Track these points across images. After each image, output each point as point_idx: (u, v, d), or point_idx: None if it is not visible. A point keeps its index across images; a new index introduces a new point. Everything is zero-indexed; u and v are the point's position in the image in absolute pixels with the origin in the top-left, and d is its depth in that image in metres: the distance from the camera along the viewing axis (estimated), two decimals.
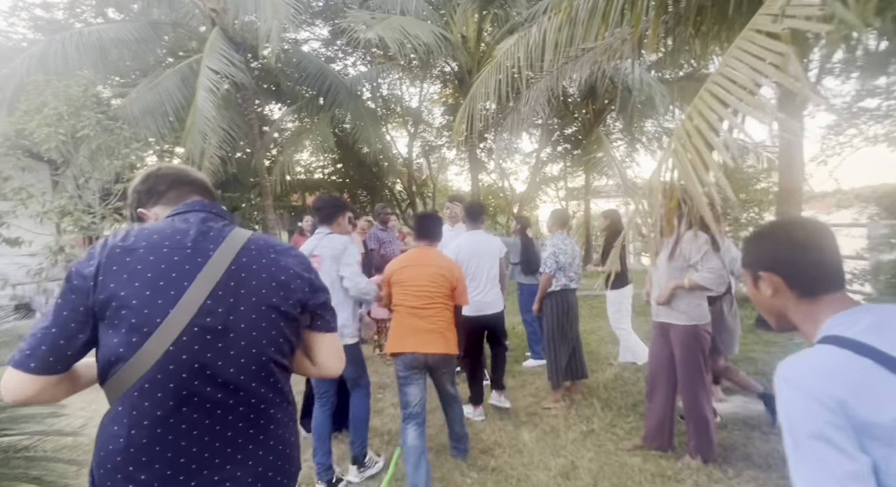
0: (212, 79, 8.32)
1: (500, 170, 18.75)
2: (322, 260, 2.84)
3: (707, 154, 1.42)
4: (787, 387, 0.85)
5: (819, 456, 0.77)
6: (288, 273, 1.08)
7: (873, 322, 0.85)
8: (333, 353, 1.18)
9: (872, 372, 0.78)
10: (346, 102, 10.68)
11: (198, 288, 0.97)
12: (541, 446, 3.22)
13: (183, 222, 1.07)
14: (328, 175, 17.11)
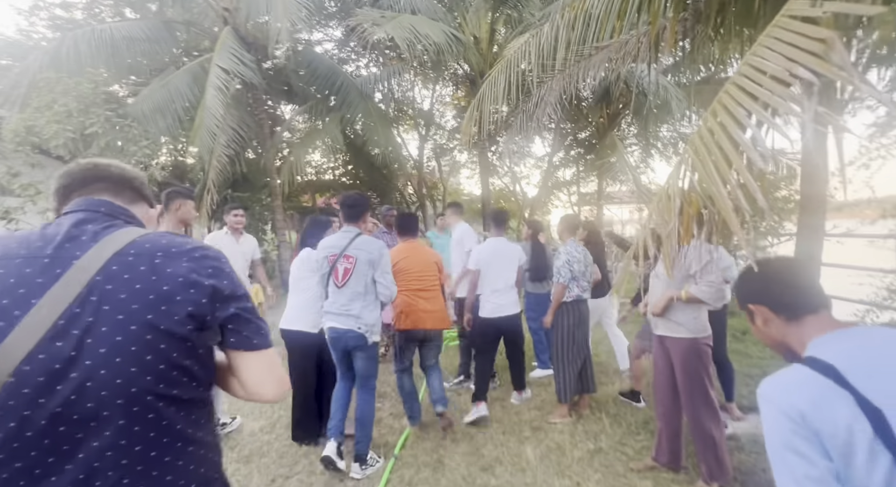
0: (221, 77, 8.27)
1: (511, 174, 18.58)
2: (357, 262, 2.92)
3: (733, 153, 1.25)
4: (763, 402, 0.97)
5: (786, 462, 0.89)
6: (174, 282, 0.87)
7: (848, 347, 0.96)
8: (262, 375, 0.97)
9: (831, 392, 0.88)
10: (356, 102, 10.60)
11: (47, 306, 0.80)
12: (545, 464, 3.04)
13: (54, 227, 0.91)
14: (338, 176, 17.07)
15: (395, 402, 4.09)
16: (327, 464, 2.89)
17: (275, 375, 0.99)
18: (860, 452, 0.84)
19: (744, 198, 1.27)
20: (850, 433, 0.85)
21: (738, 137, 1.27)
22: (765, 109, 1.28)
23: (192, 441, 0.92)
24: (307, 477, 2.87)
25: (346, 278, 2.93)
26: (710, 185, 1.28)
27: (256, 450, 3.21)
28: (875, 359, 0.91)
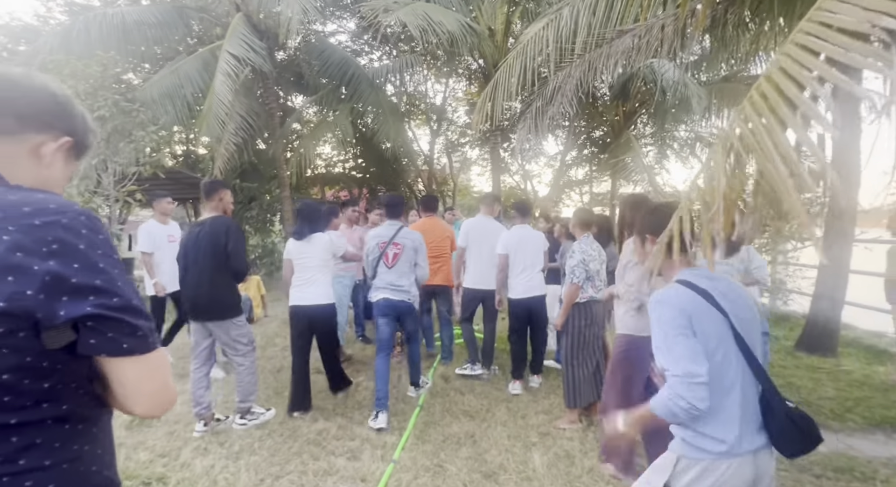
0: (230, 63, 8.13)
1: (522, 172, 18.31)
2: (404, 248, 3.74)
3: (791, 117, 1.04)
4: (661, 305, 1.42)
5: (677, 343, 1.35)
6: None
7: (706, 275, 1.47)
8: (134, 386, 0.76)
9: (701, 303, 1.40)
10: (367, 93, 10.43)
11: None
12: (552, 473, 2.82)
13: None
14: (348, 170, 16.93)
15: (393, 402, 3.91)
16: (379, 430, 3.36)
17: (151, 386, 0.78)
18: (718, 347, 1.37)
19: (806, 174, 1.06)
20: (716, 333, 1.38)
21: (797, 98, 1.06)
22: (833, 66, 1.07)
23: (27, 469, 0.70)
24: (299, 478, 2.69)
25: (395, 261, 3.73)
26: (760, 155, 1.07)
27: (247, 447, 3.04)
28: (721, 286, 1.45)
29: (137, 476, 2.63)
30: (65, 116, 0.85)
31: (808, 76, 1.10)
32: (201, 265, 3.23)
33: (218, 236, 3.22)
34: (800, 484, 2.71)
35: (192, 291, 3.29)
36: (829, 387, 4.18)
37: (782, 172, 1.06)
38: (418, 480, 2.73)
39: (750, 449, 1.35)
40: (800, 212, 1.07)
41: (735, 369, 1.38)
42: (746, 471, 1.35)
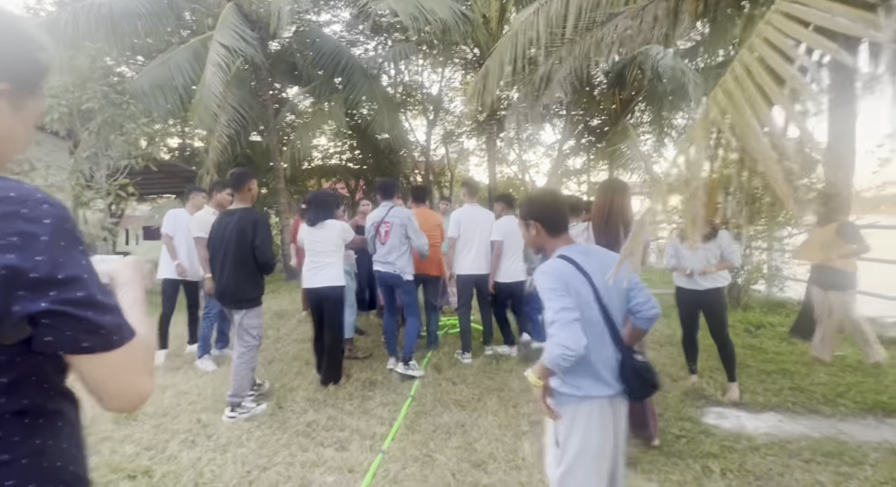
0: (221, 54, 8.03)
1: (520, 162, 18.22)
2: (392, 226, 4.16)
3: (775, 90, 0.99)
4: (545, 274, 1.71)
5: (556, 299, 1.62)
6: None
7: (581, 251, 1.80)
8: (99, 384, 0.72)
9: (574, 271, 1.70)
10: (360, 84, 10.32)
11: None
12: (542, 462, 2.81)
13: None
14: (345, 161, 16.83)
15: (385, 391, 3.89)
16: (391, 371, 4.20)
17: (115, 385, 0.72)
18: (585, 308, 1.65)
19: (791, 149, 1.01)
20: (584, 296, 1.66)
21: (783, 71, 1.01)
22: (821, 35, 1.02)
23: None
24: (286, 469, 2.68)
25: (387, 237, 4.19)
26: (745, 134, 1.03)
27: (235, 439, 3.02)
28: (592, 261, 1.74)
29: (123, 470, 2.61)
30: (24, 63, 0.75)
31: (792, 46, 1.05)
32: (228, 255, 3.46)
33: (245, 230, 3.42)
34: (789, 470, 2.70)
35: (218, 278, 3.55)
36: (822, 372, 4.16)
37: (765, 148, 1.02)
38: (406, 470, 2.71)
39: (607, 395, 1.68)
40: (782, 187, 1.03)
41: (596, 328, 1.68)
42: (606, 413, 1.68)
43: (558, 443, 1.71)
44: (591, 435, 1.66)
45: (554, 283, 1.65)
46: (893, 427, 3.22)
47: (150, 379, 0.75)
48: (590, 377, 1.68)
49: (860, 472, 2.62)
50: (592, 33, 5.31)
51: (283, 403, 3.60)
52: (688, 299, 3.91)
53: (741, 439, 3.07)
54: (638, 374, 1.69)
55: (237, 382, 3.37)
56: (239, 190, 3.56)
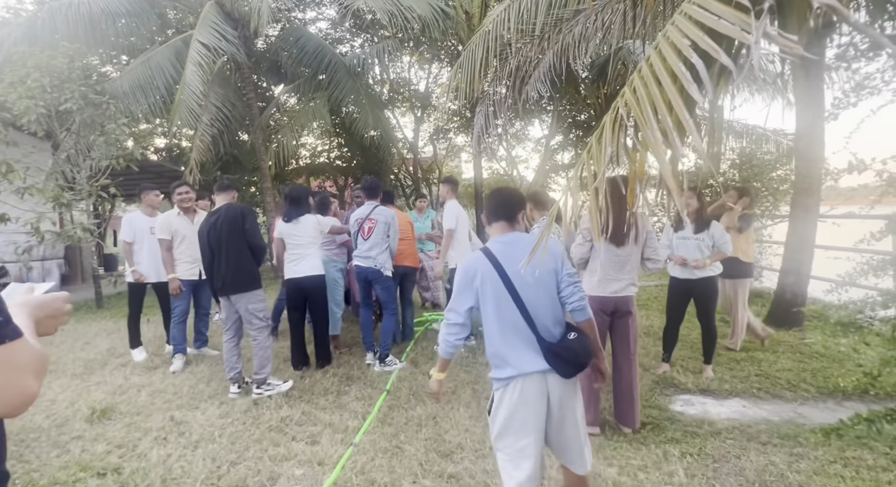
0: (201, 52, 8.01)
1: (508, 157, 18.27)
2: (377, 223, 4.36)
3: (672, 90, 1.05)
4: (459, 269, 1.98)
5: (461, 293, 1.92)
6: None
7: (504, 242, 1.96)
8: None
9: (488, 266, 1.89)
10: (343, 81, 10.30)
11: None
12: None
13: None
14: (333, 160, 16.80)
15: (362, 386, 3.95)
16: (369, 366, 4.26)
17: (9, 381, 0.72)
18: (498, 297, 1.87)
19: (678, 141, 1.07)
20: (492, 283, 1.87)
21: (679, 72, 1.07)
22: (710, 36, 1.07)
23: None
24: (255, 464, 2.73)
25: (370, 234, 4.36)
26: (644, 128, 1.08)
27: (207, 436, 3.07)
28: (509, 250, 1.91)
29: (92, 468, 2.65)
30: None
31: (685, 44, 1.11)
32: (223, 247, 3.72)
33: (235, 219, 3.76)
34: (745, 452, 2.78)
35: (218, 271, 3.77)
36: (789, 359, 4.27)
37: (658, 139, 1.07)
38: (375, 461, 2.77)
39: (535, 370, 1.84)
40: (670, 182, 1.08)
41: (510, 315, 1.86)
42: (535, 386, 1.84)
43: (489, 414, 1.97)
44: (516, 410, 1.86)
45: (462, 276, 1.94)
46: (849, 409, 3.31)
47: (35, 382, 0.75)
48: (511, 362, 1.86)
49: (812, 452, 2.71)
50: (570, 28, 5.37)
51: (258, 399, 3.65)
52: (681, 289, 4.04)
53: (704, 424, 3.15)
54: (556, 355, 1.83)
55: (258, 361, 3.79)
56: (225, 193, 4.01)
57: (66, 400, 3.70)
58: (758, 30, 0.94)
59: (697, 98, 1.04)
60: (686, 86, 1.05)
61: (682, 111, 1.06)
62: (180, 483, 2.53)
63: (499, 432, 1.93)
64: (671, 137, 1.07)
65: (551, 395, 1.87)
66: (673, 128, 1.07)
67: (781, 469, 2.59)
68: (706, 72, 1.02)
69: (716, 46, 1.03)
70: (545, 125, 16.52)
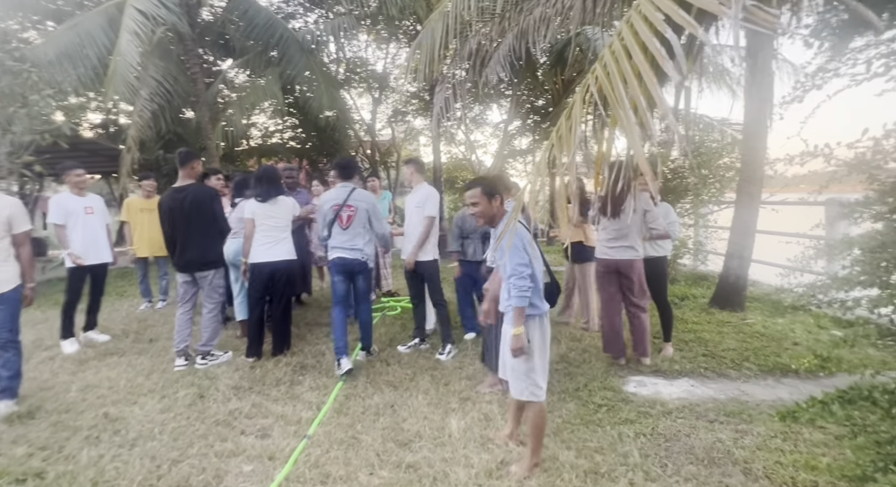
0: (137, 20, 7.39)
1: (467, 142, 18.18)
2: (357, 210, 3.98)
3: (646, 68, 0.98)
4: (516, 235, 2.36)
5: (520, 254, 2.40)
6: None
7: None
8: None
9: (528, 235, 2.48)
10: (296, 58, 9.82)
11: None
12: (466, 437, 2.85)
13: None
14: (286, 140, 16.15)
15: (316, 375, 3.81)
16: (348, 374, 3.71)
17: None
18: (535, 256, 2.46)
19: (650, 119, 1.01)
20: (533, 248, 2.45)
21: (653, 47, 1.01)
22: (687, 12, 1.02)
23: None
24: (199, 461, 2.56)
25: (349, 223, 3.98)
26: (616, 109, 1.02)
27: (146, 433, 2.86)
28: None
29: (10, 474, 2.40)
30: None
31: (659, 18, 1.05)
32: (190, 226, 3.88)
33: (203, 202, 3.95)
34: (695, 430, 2.88)
35: (182, 248, 3.93)
36: (733, 339, 4.47)
37: (631, 121, 1.01)
38: (330, 453, 2.67)
39: (546, 311, 2.54)
40: (643, 165, 1.03)
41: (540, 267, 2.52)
42: (547, 322, 2.57)
43: (529, 341, 2.43)
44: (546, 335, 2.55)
45: (521, 242, 2.41)
46: (788, 386, 3.51)
47: None
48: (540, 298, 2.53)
49: (755, 428, 2.84)
50: (530, 9, 5.28)
51: (204, 392, 3.45)
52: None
53: (656, 405, 3.24)
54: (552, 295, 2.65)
55: (210, 334, 4.05)
56: (183, 167, 4.01)
57: None
58: (737, 2, 0.88)
59: (672, 74, 0.98)
60: (660, 61, 0.99)
61: (654, 88, 1.00)
62: (114, 486, 2.33)
63: (531, 354, 2.48)
64: (644, 115, 1.01)
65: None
66: (646, 105, 1.01)
67: (728, 445, 2.69)
68: (680, 46, 0.97)
69: (691, 20, 0.97)
70: (504, 110, 16.52)
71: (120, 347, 4.54)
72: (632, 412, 3.13)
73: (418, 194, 4.28)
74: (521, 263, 2.38)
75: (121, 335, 4.94)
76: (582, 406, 3.24)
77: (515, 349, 2.40)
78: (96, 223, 4.64)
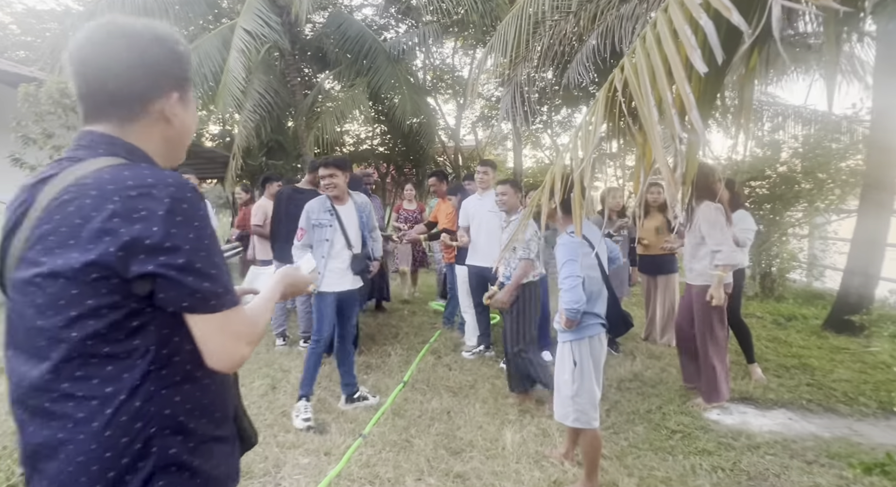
0: (244, 39, 8.16)
1: (554, 145, 17.71)
2: None
3: (675, 58, 0.85)
4: (565, 244, 2.36)
5: (572, 264, 2.31)
6: (91, 228, 0.77)
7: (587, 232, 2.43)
8: (203, 341, 0.83)
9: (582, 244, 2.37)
10: (383, 68, 10.24)
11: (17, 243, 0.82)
12: (521, 452, 2.74)
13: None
14: (375, 146, 16.90)
15: (380, 376, 3.90)
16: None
17: (213, 345, 0.83)
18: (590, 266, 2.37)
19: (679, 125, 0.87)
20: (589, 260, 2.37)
21: (685, 37, 0.86)
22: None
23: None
24: (263, 450, 2.71)
25: None
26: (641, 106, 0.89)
27: None
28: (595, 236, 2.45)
29: None
30: (176, 65, 0.89)
31: (694, 3, 0.90)
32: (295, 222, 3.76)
33: None
34: (787, 470, 2.51)
35: (284, 239, 4.00)
36: (848, 369, 3.85)
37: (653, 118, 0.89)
38: (381, 454, 2.71)
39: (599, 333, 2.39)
40: (663, 164, 0.89)
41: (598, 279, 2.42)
42: (600, 345, 2.41)
43: (575, 363, 2.32)
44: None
45: (574, 252, 2.32)
46: None
47: (246, 348, 0.86)
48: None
49: (865, 477, 2.40)
50: (616, 8, 5.01)
51: (276, 384, 3.68)
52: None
53: (741, 436, 2.89)
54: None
55: (304, 322, 4.56)
56: (310, 173, 4.45)
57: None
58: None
59: (699, 67, 0.84)
60: (689, 52, 0.85)
61: (682, 83, 0.87)
62: None
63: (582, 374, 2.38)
64: (668, 114, 0.88)
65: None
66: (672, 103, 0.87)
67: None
68: (716, 35, 0.82)
69: (727, 2, 0.82)
70: None
71: None
72: (710, 443, 2.81)
73: (490, 198, 4.08)
74: (570, 274, 2.26)
75: None
76: (652, 431, 2.97)
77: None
78: None
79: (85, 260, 0.76)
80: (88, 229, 0.77)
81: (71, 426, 0.78)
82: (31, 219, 0.80)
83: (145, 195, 0.78)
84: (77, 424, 0.78)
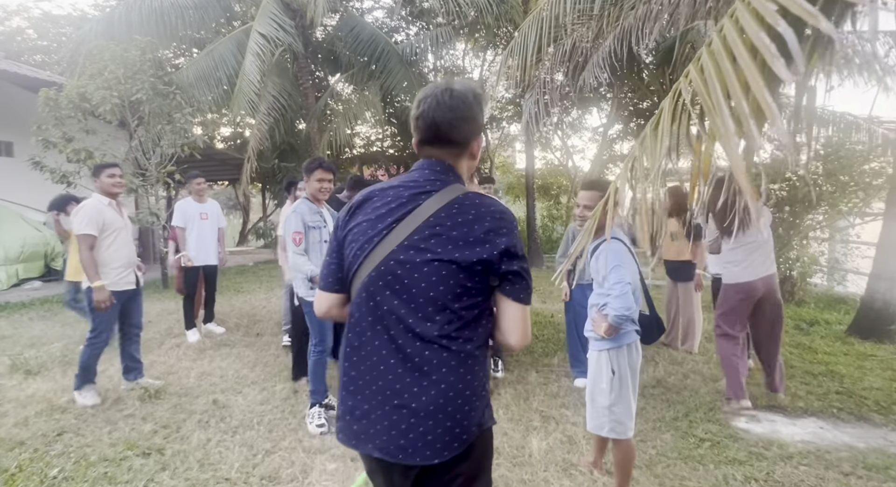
0: (259, 43, 8.20)
1: (564, 147, 17.64)
2: None
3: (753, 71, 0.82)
4: (611, 249, 2.22)
5: (620, 270, 2.17)
6: (477, 235, 1.10)
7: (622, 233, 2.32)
8: (513, 324, 1.14)
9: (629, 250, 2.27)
10: (395, 70, 10.26)
11: (402, 228, 1.12)
12: (548, 459, 2.71)
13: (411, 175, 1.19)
14: (386, 148, 16.94)
15: None
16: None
17: (521, 328, 1.14)
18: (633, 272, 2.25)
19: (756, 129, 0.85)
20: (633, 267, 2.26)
21: (759, 43, 0.84)
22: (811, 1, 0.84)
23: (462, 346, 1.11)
24: (289, 454, 2.72)
25: None
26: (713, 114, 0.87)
27: (246, 422, 3.10)
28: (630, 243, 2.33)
29: (139, 447, 2.74)
30: (482, 116, 1.19)
31: (771, 9, 0.87)
32: None
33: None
34: (823, 482, 2.46)
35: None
36: (879, 377, 3.77)
37: (729, 129, 0.86)
38: None
39: (635, 341, 2.29)
40: (742, 179, 0.87)
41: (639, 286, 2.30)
42: (636, 353, 2.31)
43: (613, 372, 2.25)
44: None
45: (625, 257, 2.22)
46: None
47: (529, 332, 1.17)
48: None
49: None
50: (633, 5, 4.97)
51: (299, 388, 3.67)
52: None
53: (773, 446, 2.83)
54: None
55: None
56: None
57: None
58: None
59: (785, 77, 0.81)
60: (770, 61, 0.83)
61: (762, 93, 0.84)
62: (217, 469, 2.55)
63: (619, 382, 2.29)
64: (746, 125, 0.86)
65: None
66: (750, 113, 0.85)
67: None
68: (797, 43, 0.80)
69: (813, 10, 0.79)
70: (603, 114, 15.79)
71: (232, 339, 5.03)
72: (741, 452, 2.76)
73: None
74: (620, 280, 2.18)
75: (233, 328, 5.47)
76: (680, 439, 2.93)
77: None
78: (208, 229, 5.12)
79: (477, 258, 1.07)
80: (475, 236, 1.08)
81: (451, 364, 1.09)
82: (419, 218, 1.10)
83: (503, 218, 1.13)
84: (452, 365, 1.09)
